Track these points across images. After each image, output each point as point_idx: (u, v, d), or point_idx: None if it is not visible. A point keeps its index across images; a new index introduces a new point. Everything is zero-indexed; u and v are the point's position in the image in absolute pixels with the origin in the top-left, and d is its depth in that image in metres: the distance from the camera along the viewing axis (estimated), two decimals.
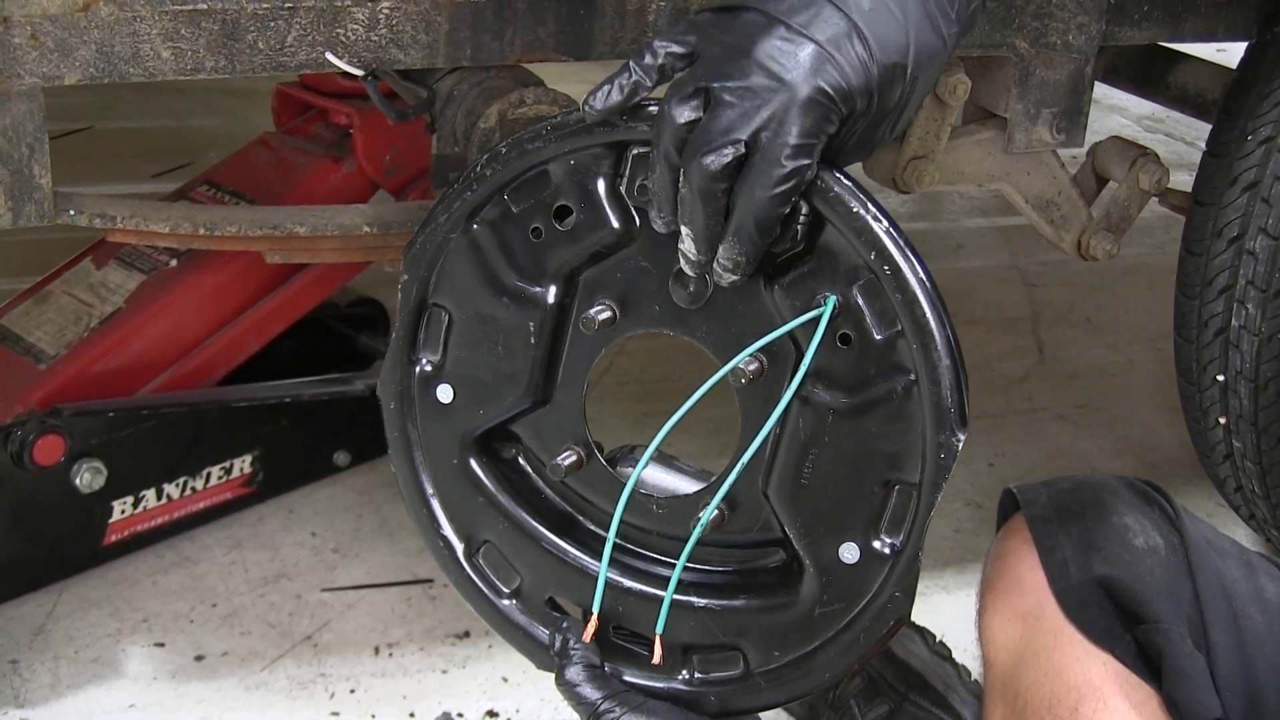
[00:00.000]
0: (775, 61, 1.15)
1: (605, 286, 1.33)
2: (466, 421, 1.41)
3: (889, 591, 1.24)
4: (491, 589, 1.44)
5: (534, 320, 1.35)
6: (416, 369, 1.43)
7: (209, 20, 1.57)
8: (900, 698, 1.86)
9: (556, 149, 1.30)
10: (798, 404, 1.25)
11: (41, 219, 1.62)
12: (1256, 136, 2.12)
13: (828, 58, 1.14)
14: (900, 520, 1.23)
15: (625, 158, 1.28)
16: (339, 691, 2.10)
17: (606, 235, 1.30)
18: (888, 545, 1.24)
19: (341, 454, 2.57)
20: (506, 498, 1.42)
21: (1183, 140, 4.69)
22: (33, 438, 2.10)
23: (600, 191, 1.29)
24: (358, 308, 2.83)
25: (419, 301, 1.41)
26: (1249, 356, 2.16)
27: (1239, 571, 1.40)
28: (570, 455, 1.37)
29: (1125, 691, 1.33)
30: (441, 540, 1.46)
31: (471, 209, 1.35)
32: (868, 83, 1.16)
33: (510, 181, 1.33)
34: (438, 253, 1.39)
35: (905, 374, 1.20)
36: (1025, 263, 3.73)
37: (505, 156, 1.32)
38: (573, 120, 1.29)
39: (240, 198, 2.43)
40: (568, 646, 1.33)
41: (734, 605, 1.32)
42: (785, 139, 1.14)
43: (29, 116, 1.56)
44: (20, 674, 2.09)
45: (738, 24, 1.18)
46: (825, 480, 1.26)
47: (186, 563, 2.36)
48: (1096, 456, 2.86)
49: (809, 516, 1.27)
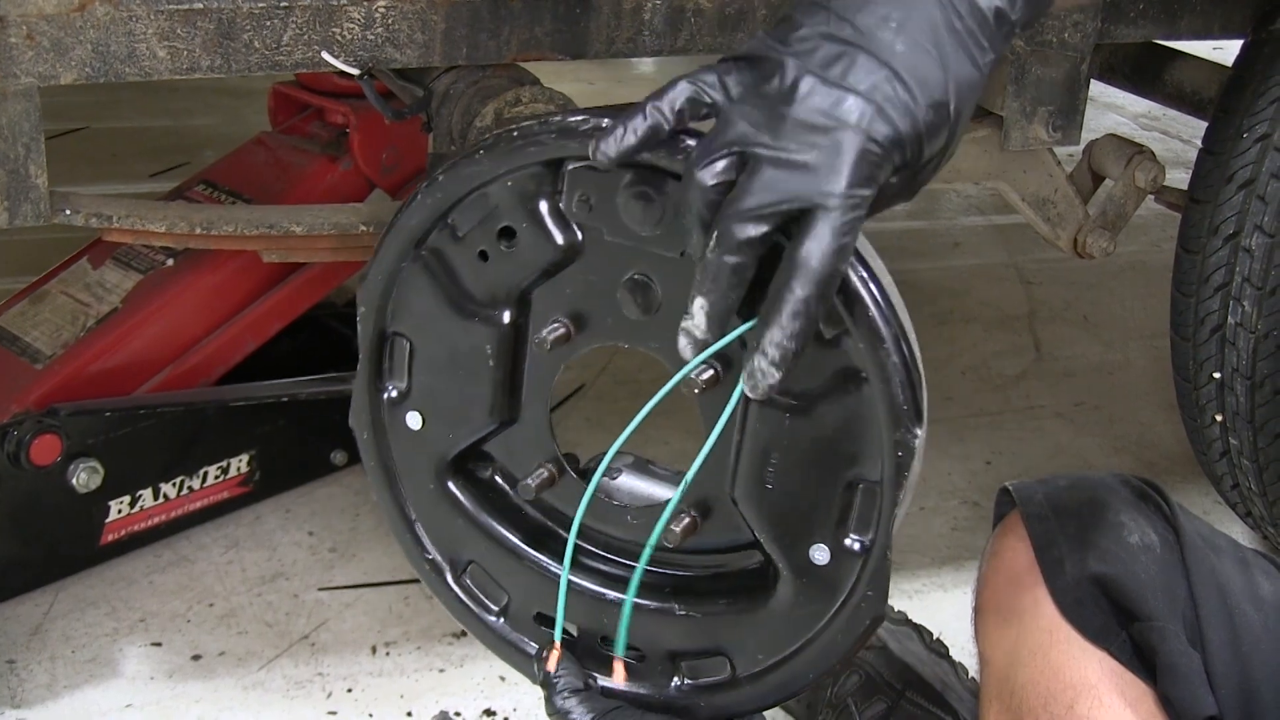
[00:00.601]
0: (817, 118, 1.08)
1: (557, 303, 1.31)
2: (438, 446, 1.41)
3: (861, 591, 1.23)
4: (481, 607, 1.45)
5: (490, 342, 1.34)
6: (384, 397, 1.42)
7: (205, 19, 1.58)
8: (897, 695, 1.86)
9: (492, 170, 1.28)
10: (755, 408, 1.24)
11: (38, 219, 1.62)
12: (1252, 134, 2.13)
13: (872, 108, 1.08)
14: (869, 520, 1.22)
15: (561, 175, 1.26)
16: (336, 691, 2.10)
17: (551, 252, 1.29)
18: (857, 544, 1.23)
19: (339, 453, 2.57)
20: (487, 517, 1.42)
21: (1179, 138, 4.70)
22: (29, 437, 2.10)
23: (541, 210, 1.28)
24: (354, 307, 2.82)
25: (378, 331, 1.40)
26: (1245, 354, 2.16)
27: (1235, 569, 1.41)
28: (541, 473, 1.37)
29: (1120, 689, 1.34)
30: (428, 564, 1.47)
31: (417, 236, 1.35)
32: (915, 127, 1.10)
33: (453, 206, 1.32)
34: (390, 281, 1.38)
35: (856, 373, 1.19)
36: (1022, 260, 3.74)
37: (442, 182, 1.31)
38: (503, 142, 1.27)
39: (237, 197, 2.43)
40: (550, 674, 1.32)
41: (716, 610, 1.32)
42: (838, 198, 1.08)
43: (25, 116, 1.56)
44: (17, 674, 2.09)
45: (769, 78, 1.11)
46: (789, 483, 1.25)
47: (183, 562, 2.36)
48: (1093, 454, 2.86)
49: (777, 519, 1.26)
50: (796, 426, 1.23)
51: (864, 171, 1.08)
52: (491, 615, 1.45)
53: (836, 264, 1.09)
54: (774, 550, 1.27)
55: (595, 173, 1.24)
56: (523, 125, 1.27)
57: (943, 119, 1.11)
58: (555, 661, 1.32)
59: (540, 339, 1.31)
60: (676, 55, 1.82)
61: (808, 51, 1.10)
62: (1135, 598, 1.35)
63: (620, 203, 1.23)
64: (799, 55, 1.11)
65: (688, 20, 1.80)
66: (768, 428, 1.24)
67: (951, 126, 1.13)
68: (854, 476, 1.22)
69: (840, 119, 1.08)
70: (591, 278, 1.29)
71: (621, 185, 1.22)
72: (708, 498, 1.30)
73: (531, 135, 1.25)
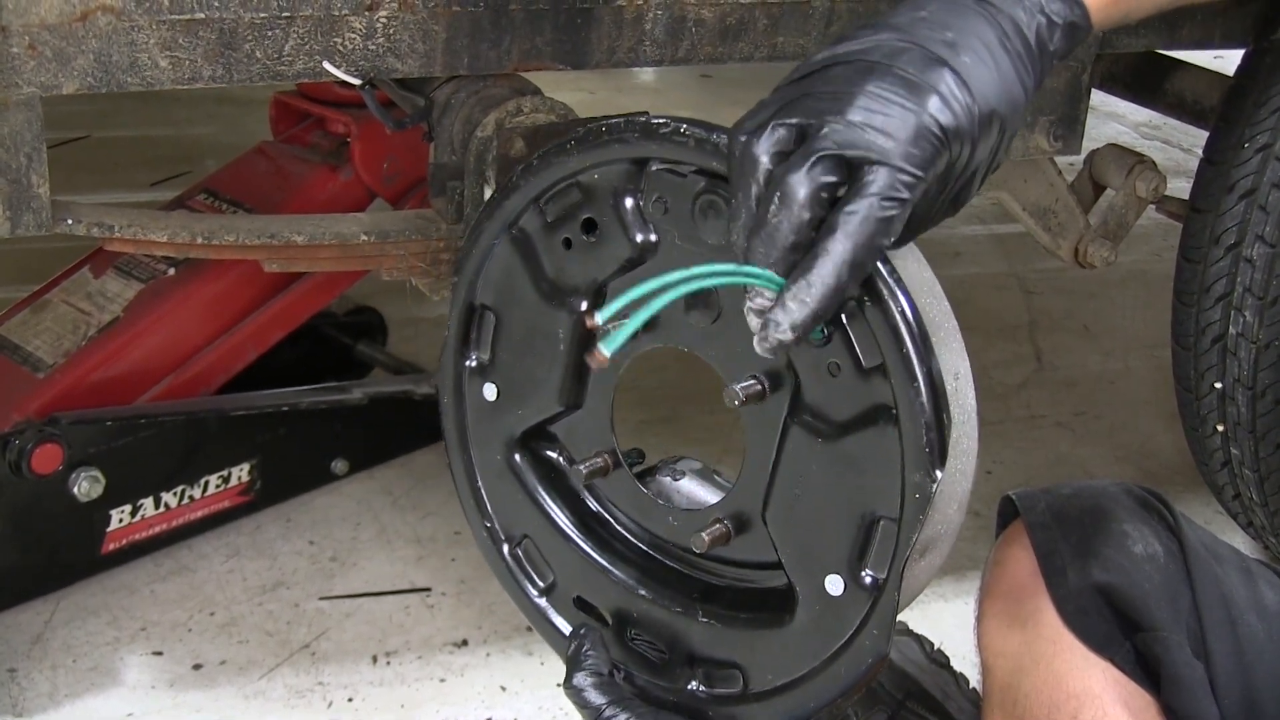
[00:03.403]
0: (884, 94, 1.09)
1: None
2: (509, 420, 1.45)
3: (869, 628, 1.23)
4: (528, 581, 1.48)
5: (565, 328, 1.37)
6: (467, 365, 1.46)
7: (206, 30, 1.58)
8: (898, 705, 1.86)
9: (579, 162, 1.32)
10: (795, 430, 1.25)
11: (39, 228, 1.62)
12: (1254, 144, 2.13)
13: (937, 95, 1.10)
14: (885, 558, 1.21)
15: (645, 174, 1.29)
16: (337, 700, 2.10)
17: (627, 249, 1.32)
18: (871, 580, 1.22)
19: (340, 462, 2.57)
20: (545, 496, 1.45)
21: (1180, 147, 4.70)
22: (31, 446, 2.10)
23: (625, 206, 1.31)
24: (356, 316, 2.83)
25: (468, 302, 1.44)
26: (1247, 364, 2.16)
27: (1238, 579, 1.40)
28: (596, 461, 1.40)
29: (1124, 699, 1.33)
30: (487, 531, 1.50)
31: (510, 216, 1.39)
32: (971, 127, 1.11)
33: (544, 192, 1.36)
34: (484, 256, 1.42)
35: (889, 409, 1.19)
36: (1023, 270, 3.74)
37: (535, 167, 1.35)
38: (592, 135, 1.30)
39: (238, 206, 2.43)
40: (580, 653, 1.35)
41: (736, 623, 1.33)
42: (896, 167, 1.08)
43: (27, 125, 1.56)
44: (18, 682, 2.09)
45: (836, 70, 1.13)
46: (814, 510, 1.26)
47: (185, 571, 2.35)
48: (1094, 464, 2.86)
49: (799, 544, 1.27)
50: (828, 454, 1.23)
51: (923, 150, 1.09)
52: (535, 591, 1.47)
53: (876, 232, 1.08)
54: (794, 574, 1.28)
55: (674, 176, 1.26)
56: (611, 122, 1.30)
57: (994, 128, 1.14)
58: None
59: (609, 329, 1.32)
60: (677, 65, 1.83)
61: (869, 48, 1.13)
62: (1139, 607, 1.35)
63: (692, 210, 1.25)
64: (861, 52, 1.13)
65: (689, 30, 1.80)
66: (801, 451, 1.25)
67: (1001, 138, 1.15)
68: (876, 512, 1.21)
69: (905, 97, 1.09)
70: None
71: (694, 193, 1.24)
72: (744, 512, 1.31)
73: (617, 132, 1.28)
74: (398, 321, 2.93)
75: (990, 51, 1.14)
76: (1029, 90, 1.17)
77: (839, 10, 1.85)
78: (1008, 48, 1.15)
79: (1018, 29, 1.16)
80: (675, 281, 1.15)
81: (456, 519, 2.53)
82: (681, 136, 1.23)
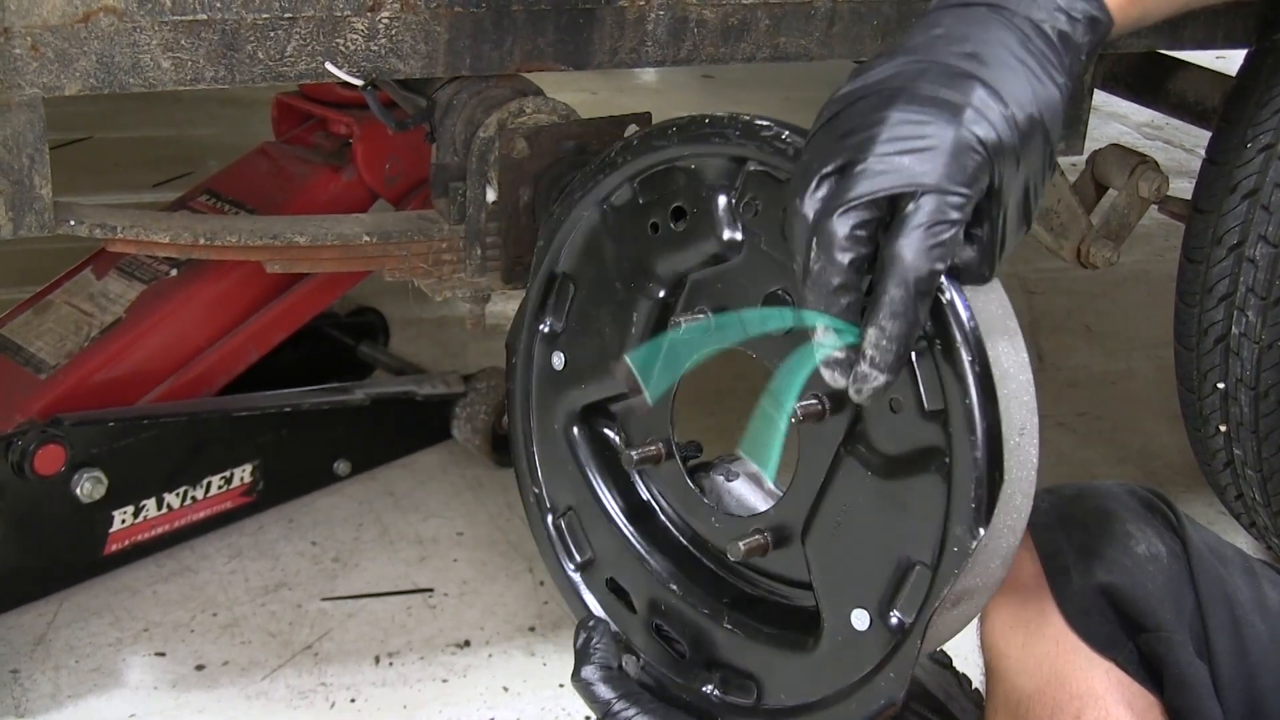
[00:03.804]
0: (917, 116, 1.07)
1: (708, 294, 1.33)
2: (573, 392, 1.45)
3: (887, 670, 1.21)
4: (566, 555, 1.48)
5: (640, 311, 1.37)
6: (540, 329, 1.47)
7: (209, 31, 1.58)
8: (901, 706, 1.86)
9: (678, 151, 1.31)
10: (848, 460, 1.23)
11: (42, 229, 1.62)
12: (1256, 144, 2.13)
13: (971, 110, 1.07)
14: (915, 603, 1.19)
15: (743, 173, 1.27)
16: (339, 701, 2.10)
17: (714, 244, 1.31)
18: (897, 623, 1.20)
19: (342, 463, 2.57)
20: (596, 474, 1.46)
21: (1182, 147, 4.70)
22: (33, 447, 2.10)
23: (718, 202, 1.30)
24: (358, 317, 2.83)
25: (548, 268, 1.45)
26: (1249, 364, 2.16)
27: (1242, 579, 1.40)
28: (649, 449, 1.39)
29: (1128, 700, 1.33)
30: (534, 496, 1.50)
31: (605, 191, 1.39)
32: (1013, 139, 1.08)
33: (640, 172, 1.36)
34: (572, 226, 1.42)
35: (943, 454, 1.16)
36: (1025, 270, 3.74)
37: (635, 148, 1.35)
38: (693, 125, 1.30)
39: (240, 207, 2.43)
40: (589, 645, 1.35)
41: (760, 636, 1.33)
42: (941, 189, 1.05)
43: (29, 127, 1.56)
44: (21, 683, 2.09)
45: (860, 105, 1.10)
46: (853, 541, 1.23)
47: (187, 572, 2.36)
48: (1097, 464, 2.86)
49: (833, 572, 1.25)
50: (876, 489, 1.21)
51: (963, 168, 1.06)
52: (571, 566, 1.47)
53: (929, 261, 1.06)
54: (823, 600, 1.26)
55: (769, 179, 1.25)
56: (714, 114, 1.28)
57: (1037, 135, 1.10)
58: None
59: (681, 322, 1.32)
60: (679, 65, 1.83)
61: (890, 75, 1.11)
62: (1142, 608, 1.35)
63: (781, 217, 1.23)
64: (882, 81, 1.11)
65: (690, 31, 1.80)
66: (850, 481, 1.23)
67: (1046, 143, 1.12)
68: (913, 557, 1.19)
69: (939, 117, 1.07)
70: (742, 280, 1.30)
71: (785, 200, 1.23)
72: (786, 528, 1.30)
73: (719, 126, 1.27)
74: (400, 322, 2.94)
75: (1015, 56, 1.11)
76: (1063, 89, 1.14)
77: (841, 10, 1.85)
78: (1031, 50, 1.12)
79: (1038, 29, 1.13)
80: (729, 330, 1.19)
81: (459, 520, 2.53)
82: (782, 143, 1.22)
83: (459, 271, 1.90)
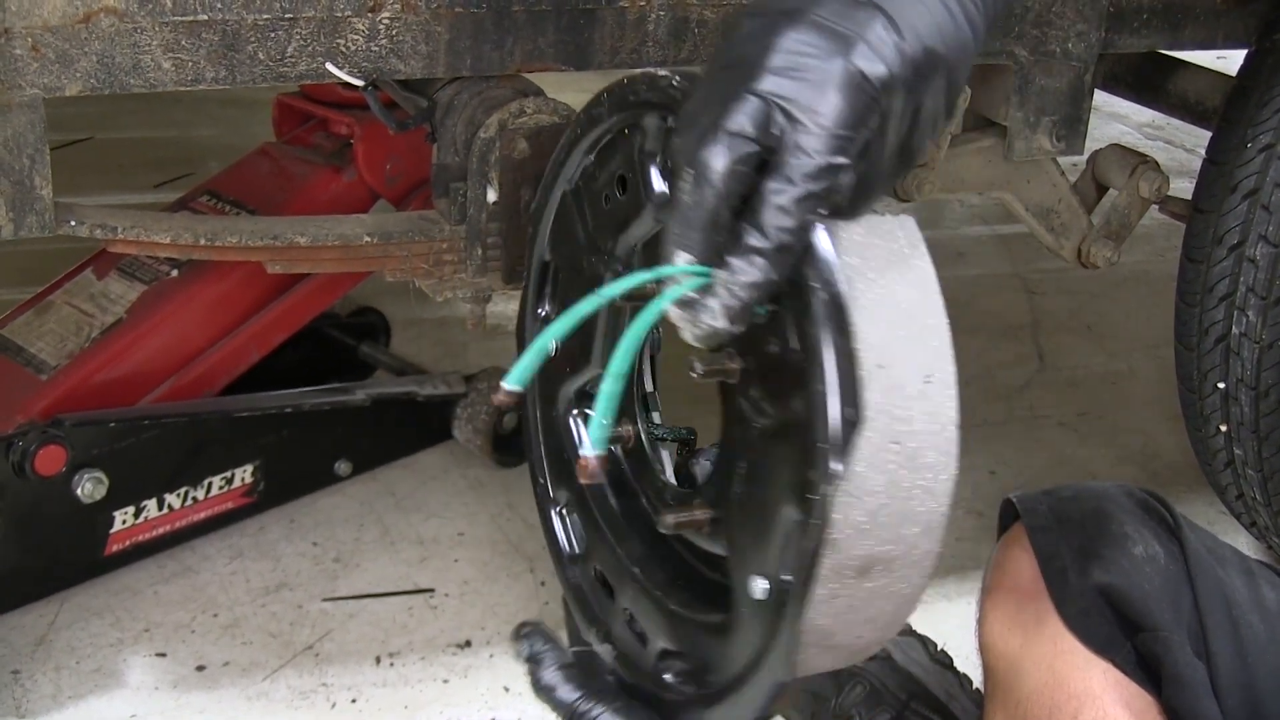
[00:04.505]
0: (798, 47, 0.98)
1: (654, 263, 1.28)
2: (563, 377, 1.43)
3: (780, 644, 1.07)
4: (567, 546, 1.45)
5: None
6: (539, 314, 1.46)
7: (209, 31, 1.58)
8: (902, 706, 1.86)
9: (615, 119, 1.29)
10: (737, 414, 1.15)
11: (43, 230, 1.63)
12: (1256, 144, 2.13)
13: (859, 41, 0.98)
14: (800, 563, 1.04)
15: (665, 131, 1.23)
16: (340, 701, 2.10)
17: (652, 210, 1.26)
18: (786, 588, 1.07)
19: (343, 463, 2.57)
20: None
21: (1183, 147, 4.69)
22: (34, 448, 2.10)
23: (649, 165, 1.25)
24: (359, 317, 2.83)
25: (539, 256, 1.44)
26: (1250, 364, 2.16)
27: (1240, 579, 1.40)
28: (619, 430, 1.35)
29: (1125, 700, 1.33)
30: (541, 486, 1.48)
31: (570, 171, 1.37)
32: (904, 72, 0.99)
33: (592, 146, 1.33)
34: (550, 210, 1.41)
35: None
36: (1026, 270, 3.74)
37: (582, 121, 1.33)
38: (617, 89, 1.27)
39: (241, 208, 2.43)
40: (535, 653, 1.28)
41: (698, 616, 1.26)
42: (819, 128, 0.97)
43: (30, 127, 1.56)
44: (22, 684, 2.09)
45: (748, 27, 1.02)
46: (750, 501, 1.14)
47: (188, 572, 2.36)
48: (1097, 465, 2.86)
49: (738, 538, 1.17)
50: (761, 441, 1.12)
51: (849, 103, 0.98)
52: (565, 558, 1.45)
53: (803, 208, 0.98)
54: (733, 571, 1.17)
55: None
56: (631, 74, 1.24)
57: (935, 70, 1.02)
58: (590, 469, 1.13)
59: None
60: (680, 66, 1.83)
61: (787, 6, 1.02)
62: (1140, 608, 1.35)
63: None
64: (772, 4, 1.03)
65: (691, 31, 1.80)
66: (741, 436, 1.15)
67: (946, 79, 1.03)
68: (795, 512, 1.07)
69: (822, 48, 0.99)
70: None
71: None
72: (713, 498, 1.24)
73: (633, 85, 1.23)
74: (401, 322, 2.94)
75: None
76: (977, 27, 1.04)
77: None
78: None
79: None
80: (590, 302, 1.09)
81: (459, 520, 2.53)
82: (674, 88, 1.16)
83: (460, 272, 1.91)
